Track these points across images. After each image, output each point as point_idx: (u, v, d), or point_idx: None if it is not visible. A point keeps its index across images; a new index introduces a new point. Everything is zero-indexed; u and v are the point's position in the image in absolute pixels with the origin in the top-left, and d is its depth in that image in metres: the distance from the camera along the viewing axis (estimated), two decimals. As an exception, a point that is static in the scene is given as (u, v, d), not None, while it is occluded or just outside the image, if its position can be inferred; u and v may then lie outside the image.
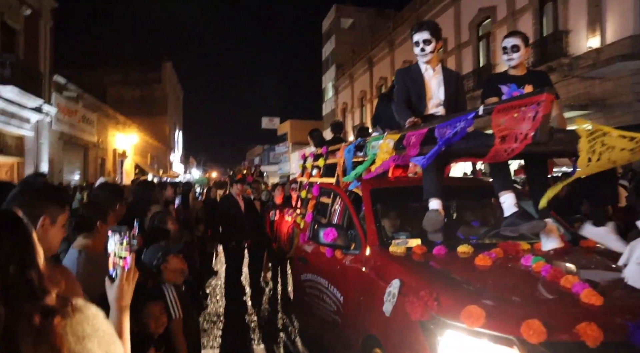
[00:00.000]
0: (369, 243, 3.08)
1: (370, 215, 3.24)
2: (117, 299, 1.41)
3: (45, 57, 16.07)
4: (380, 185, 3.58)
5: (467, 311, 2.02)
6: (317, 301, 3.60)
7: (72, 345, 1.04)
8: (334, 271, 3.39)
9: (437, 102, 3.32)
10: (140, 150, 27.82)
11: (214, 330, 5.56)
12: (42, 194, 1.66)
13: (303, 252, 4.14)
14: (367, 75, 28.10)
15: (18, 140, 15.07)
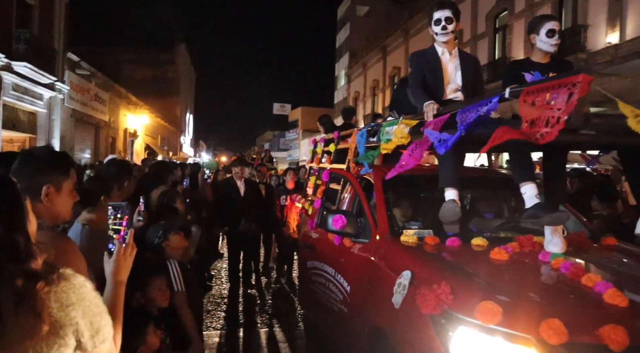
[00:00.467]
0: (379, 232, 2.95)
1: (382, 202, 3.11)
2: (113, 273, 1.39)
3: (60, 34, 15.97)
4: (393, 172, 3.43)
5: (483, 307, 1.89)
6: (322, 289, 3.50)
7: (55, 312, 1.04)
8: (342, 259, 3.27)
9: (455, 87, 3.15)
10: (151, 131, 27.82)
11: (217, 311, 5.56)
12: (43, 162, 1.59)
13: (310, 239, 4.02)
14: (381, 64, 27.72)
15: (31, 116, 15.09)
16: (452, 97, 3.13)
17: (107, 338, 1.19)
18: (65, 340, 1.07)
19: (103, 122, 19.91)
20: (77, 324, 1.10)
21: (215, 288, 6.58)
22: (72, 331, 1.09)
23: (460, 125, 2.32)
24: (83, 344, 1.12)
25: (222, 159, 35.36)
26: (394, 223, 3.00)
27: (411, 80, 3.20)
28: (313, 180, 4.67)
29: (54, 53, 15.33)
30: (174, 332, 2.49)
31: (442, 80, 3.12)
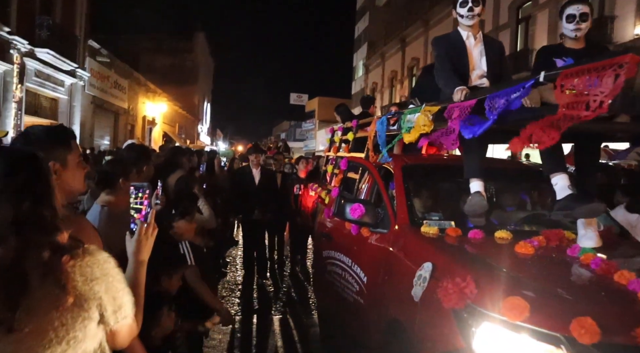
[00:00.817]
0: (398, 222, 2.86)
1: (401, 192, 3.01)
2: (135, 252, 1.39)
3: (81, 21, 16.08)
4: (413, 162, 3.33)
5: (509, 302, 1.79)
6: (338, 279, 3.43)
7: (80, 285, 1.07)
8: (359, 249, 3.19)
9: (481, 73, 3.01)
10: (169, 119, 28.00)
11: (232, 297, 5.59)
12: (41, 141, 1.54)
13: (326, 228, 3.94)
14: (399, 55, 27.30)
15: (53, 102, 15.29)
16: (477, 84, 2.99)
17: (129, 315, 1.21)
18: (89, 313, 1.10)
19: (122, 109, 20.08)
20: (101, 299, 1.12)
21: (230, 275, 6.60)
22: (95, 305, 1.11)
23: (489, 112, 2.20)
24: (106, 318, 1.14)
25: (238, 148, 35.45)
26: (413, 214, 2.90)
27: (439, 63, 3.07)
28: (330, 169, 4.59)
29: (75, 40, 15.44)
30: (186, 312, 2.47)
31: (467, 66, 2.98)
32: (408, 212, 2.88)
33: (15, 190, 1.05)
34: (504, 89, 2.16)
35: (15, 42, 12.38)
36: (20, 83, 12.92)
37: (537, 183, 3.44)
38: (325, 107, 39.44)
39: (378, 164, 3.46)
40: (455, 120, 2.41)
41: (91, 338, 1.12)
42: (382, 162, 3.38)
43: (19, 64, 12.75)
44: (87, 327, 1.10)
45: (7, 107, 12.60)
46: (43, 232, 1.05)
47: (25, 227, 1.03)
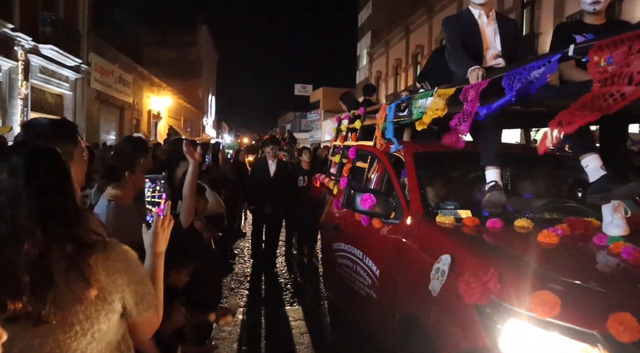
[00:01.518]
0: (411, 212, 2.70)
1: (414, 181, 2.84)
2: (152, 245, 1.38)
3: (84, 16, 15.93)
4: (424, 149, 3.16)
5: (538, 297, 1.64)
6: (349, 272, 3.29)
7: (103, 278, 1.08)
8: (370, 241, 3.04)
9: (495, 53, 2.82)
10: (174, 113, 27.87)
11: (241, 289, 5.53)
12: (48, 134, 1.53)
13: (335, 219, 3.79)
14: (403, 43, 26.89)
15: (58, 98, 15.21)
16: (492, 64, 2.80)
17: (151, 306, 1.21)
18: (112, 306, 1.10)
19: (127, 103, 19.97)
20: (124, 291, 1.13)
21: (238, 267, 6.54)
22: (118, 298, 1.12)
23: (509, 91, 2.02)
24: (128, 311, 1.15)
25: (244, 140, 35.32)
26: (427, 203, 2.74)
27: (450, 43, 2.89)
28: (337, 159, 4.43)
29: (78, 35, 15.32)
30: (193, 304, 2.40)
31: (480, 46, 2.79)
32: (421, 202, 2.72)
33: (39, 186, 1.06)
34: (525, 64, 1.97)
35: (19, 38, 12.26)
36: (25, 80, 12.84)
37: (554, 169, 3.27)
38: (330, 97, 39.10)
39: (388, 151, 3.30)
40: (471, 103, 2.24)
41: (115, 331, 1.13)
42: (392, 150, 3.22)
43: (23, 61, 12.67)
44: (110, 320, 1.10)
45: (13, 103, 12.55)
46: (67, 226, 1.06)
47: (49, 221, 1.04)
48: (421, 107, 2.81)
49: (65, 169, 1.14)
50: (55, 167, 1.12)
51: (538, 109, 2.49)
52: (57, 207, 1.07)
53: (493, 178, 2.54)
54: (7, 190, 1.05)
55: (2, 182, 1.05)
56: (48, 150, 1.14)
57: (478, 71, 2.50)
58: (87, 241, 1.09)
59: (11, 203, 1.04)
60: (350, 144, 4.15)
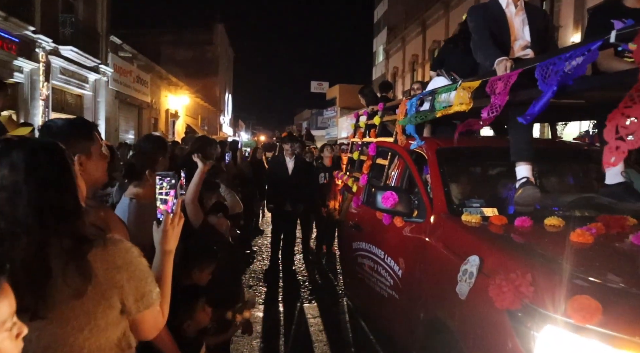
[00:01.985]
0: (435, 211, 2.60)
1: (437, 178, 2.74)
2: (161, 242, 1.36)
3: (103, 17, 16.09)
4: (447, 145, 3.04)
5: (577, 302, 1.52)
6: (370, 272, 3.20)
7: (101, 273, 1.07)
8: (392, 240, 2.94)
9: (524, 44, 2.67)
10: (192, 112, 28.07)
11: (259, 286, 5.55)
12: (65, 134, 1.53)
13: (355, 218, 3.69)
14: (420, 39, 26.55)
15: (78, 99, 15.42)
16: (520, 55, 2.66)
17: (152, 304, 1.18)
18: (109, 302, 1.09)
19: (145, 103, 20.16)
20: (122, 287, 1.11)
21: (256, 264, 6.54)
22: (116, 294, 1.10)
23: (543, 84, 1.90)
24: (127, 307, 1.13)
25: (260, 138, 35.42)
26: (451, 201, 2.63)
27: (477, 33, 2.76)
28: (356, 156, 4.34)
29: (97, 36, 15.48)
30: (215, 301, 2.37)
31: (508, 36, 2.66)
32: (446, 200, 2.61)
33: (38, 180, 1.05)
34: (561, 54, 1.84)
35: (40, 41, 12.42)
36: (46, 81, 13.03)
37: (583, 164, 3.12)
38: (346, 94, 38.89)
39: (408, 148, 3.19)
40: (500, 96, 2.12)
41: (113, 327, 1.11)
42: (414, 147, 3.11)
43: (44, 63, 12.83)
44: (108, 316, 1.09)
45: (35, 105, 12.75)
46: (65, 221, 1.05)
47: (48, 215, 1.03)
48: (444, 101, 2.70)
49: (65, 164, 1.12)
50: (55, 162, 1.10)
51: (568, 102, 2.36)
52: (56, 202, 1.06)
53: (525, 174, 2.41)
54: (7, 186, 1.04)
55: (3, 178, 1.05)
56: (48, 146, 1.13)
57: (506, 62, 2.37)
58: (86, 236, 1.07)
59: (11, 199, 1.03)
60: (369, 140, 4.06)
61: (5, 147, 1.08)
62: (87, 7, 15.02)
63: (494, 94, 2.18)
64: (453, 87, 2.62)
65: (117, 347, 1.13)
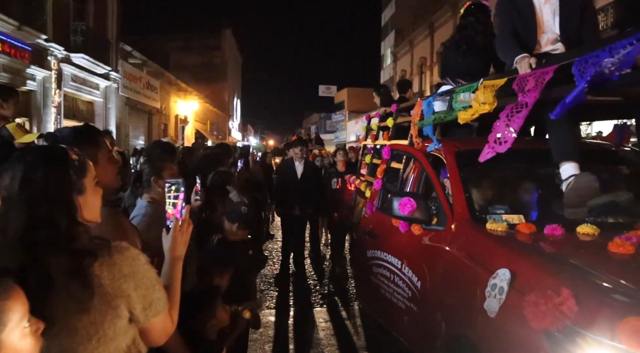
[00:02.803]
0: (456, 218, 2.41)
1: (457, 182, 2.55)
2: (170, 249, 1.35)
3: (113, 25, 16.14)
4: (467, 147, 2.85)
5: (630, 325, 1.34)
6: (385, 282, 3.01)
7: (107, 283, 1.06)
8: (410, 249, 2.75)
9: (553, 38, 2.46)
10: (201, 117, 28.08)
11: (270, 290, 5.48)
12: (70, 141, 1.49)
13: (369, 224, 3.50)
14: (428, 41, 26.34)
15: (89, 105, 15.46)
16: (548, 50, 2.46)
17: (161, 311, 1.16)
18: (117, 311, 1.08)
19: (155, 109, 20.16)
20: (129, 296, 1.10)
21: (267, 269, 6.44)
22: (124, 303, 1.09)
23: (580, 80, 1.70)
24: (135, 316, 1.11)
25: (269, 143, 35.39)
26: (474, 207, 2.44)
27: (499, 28, 2.58)
28: (368, 159, 4.16)
29: (108, 44, 15.53)
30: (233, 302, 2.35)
31: (534, 30, 2.46)
32: (467, 206, 2.42)
33: (30, 194, 1.03)
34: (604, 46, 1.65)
35: (52, 49, 12.46)
36: (58, 88, 13.07)
37: (617, 166, 2.91)
38: (354, 97, 38.76)
39: (424, 151, 3.01)
40: (529, 93, 1.93)
41: (122, 336, 1.10)
42: (430, 149, 2.93)
43: (56, 70, 12.87)
44: (116, 325, 1.08)
45: (47, 112, 12.79)
46: (57, 238, 1.03)
47: (38, 231, 1.02)
48: (464, 101, 2.52)
49: (64, 178, 1.08)
50: (51, 177, 1.06)
51: (603, 99, 2.16)
52: (47, 218, 1.03)
53: (572, 172, 2.18)
54: (6, 198, 1.04)
55: (4, 188, 1.05)
56: (51, 159, 1.09)
57: (528, 59, 2.18)
58: (86, 251, 1.05)
59: (6, 211, 1.03)
60: (382, 144, 3.88)
61: (13, 158, 1.08)
62: (97, 15, 15.08)
63: (522, 92, 1.99)
64: (474, 86, 2.44)
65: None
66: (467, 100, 2.49)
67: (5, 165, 1.09)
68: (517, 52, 2.26)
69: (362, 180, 4.14)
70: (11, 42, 10.84)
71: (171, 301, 1.22)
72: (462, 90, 2.64)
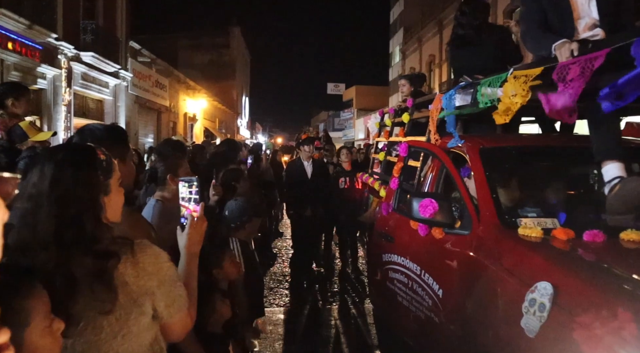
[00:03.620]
0: (483, 221, 2.17)
1: (483, 182, 2.31)
2: (186, 246, 1.35)
3: (122, 23, 16.07)
4: (493, 144, 2.61)
5: None
6: (403, 289, 2.77)
7: (132, 281, 1.08)
8: (430, 254, 2.51)
9: (591, 23, 2.20)
10: (209, 115, 27.95)
11: (280, 289, 5.40)
12: (104, 139, 1.51)
13: (386, 227, 3.24)
14: (437, 39, 25.93)
15: (98, 103, 15.41)
16: (586, 36, 2.21)
17: (182, 308, 1.18)
18: (142, 308, 1.09)
19: (164, 107, 20.04)
20: (154, 294, 1.10)
21: (277, 267, 6.32)
22: (149, 300, 1.10)
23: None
24: (159, 313, 1.12)
25: (277, 141, 35.19)
26: (502, 210, 2.20)
27: (525, 20, 2.34)
28: (382, 157, 3.92)
29: (117, 42, 15.46)
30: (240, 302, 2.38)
31: (569, 16, 2.21)
32: (495, 208, 2.18)
33: (59, 196, 1.03)
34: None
35: (63, 47, 12.40)
36: (68, 86, 13.06)
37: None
38: (363, 95, 38.46)
39: (444, 147, 2.77)
40: (572, 83, 1.69)
41: (146, 332, 1.10)
42: (451, 146, 2.69)
43: (66, 69, 12.84)
44: (140, 322, 1.08)
45: (58, 110, 12.77)
46: (83, 240, 1.03)
47: (65, 232, 1.01)
48: (491, 94, 2.27)
49: (92, 179, 1.08)
50: (80, 179, 1.06)
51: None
52: (74, 219, 1.03)
53: (617, 173, 1.94)
54: (34, 195, 1.03)
55: (32, 186, 1.04)
56: (79, 159, 1.09)
57: (569, 45, 1.94)
58: (110, 252, 1.05)
59: (34, 210, 1.02)
60: (397, 140, 3.64)
61: (40, 156, 1.09)
62: (107, 14, 15.02)
63: (564, 82, 1.75)
64: (502, 77, 2.19)
65: (150, 351, 1.13)
66: (494, 94, 2.24)
67: (32, 162, 1.09)
68: (554, 39, 2.01)
69: (376, 179, 3.90)
70: (22, 41, 10.80)
71: (189, 298, 1.22)
72: (487, 83, 2.39)
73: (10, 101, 2.99)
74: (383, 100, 33.42)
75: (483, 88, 2.40)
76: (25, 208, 1.03)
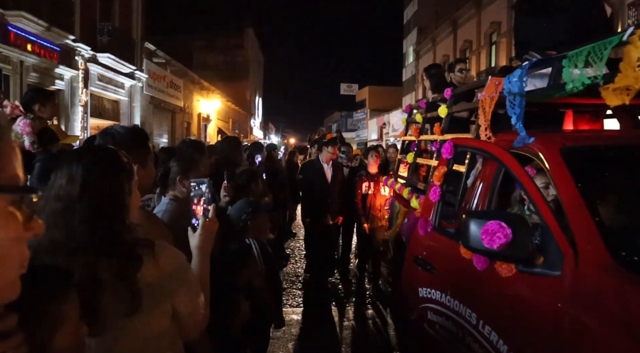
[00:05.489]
0: (582, 257, 1.40)
1: (577, 198, 1.52)
2: (198, 247, 1.33)
3: (138, 24, 15.79)
4: (578, 142, 1.81)
5: None
6: (449, 339, 1.96)
7: (154, 282, 1.06)
8: (495, 299, 1.71)
9: None
10: (223, 115, 27.43)
11: (293, 289, 5.09)
12: (127, 142, 1.46)
13: (424, 250, 2.38)
14: (451, 39, 24.98)
15: (114, 104, 15.12)
16: None
17: (200, 307, 1.19)
18: (163, 308, 1.09)
19: (178, 107, 19.62)
20: (174, 294, 1.10)
21: (289, 267, 5.95)
22: (169, 300, 1.10)
23: None
24: (179, 312, 1.12)
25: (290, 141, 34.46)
26: (613, 241, 1.41)
27: None
28: (411, 158, 3.14)
29: (133, 43, 15.20)
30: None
31: None
32: (602, 237, 1.40)
33: (91, 198, 1.03)
34: None
35: (80, 49, 12.11)
36: (85, 87, 12.91)
37: None
38: (376, 95, 37.65)
39: (509, 147, 1.98)
40: None
41: (166, 332, 1.10)
42: (517, 145, 1.91)
43: (83, 70, 12.52)
44: (161, 322, 1.08)
45: (75, 110, 12.50)
46: (113, 241, 1.02)
47: (97, 233, 1.01)
48: (592, 71, 1.49)
49: (119, 181, 1.06)
50: (110, 179, 1.05)
51: None
52: (105, 220, 1.02)
53: None
54: (63, 196, 1.02)
55: (60, 188, 1.03)
56: (106, 162, 1.07)
57: None
58: (135, 255, 1.03)
59: (64, 211, 1.01)
60: (431, 138, 2.84)
61: (68, 157, 1.07)
62: (123, 15, 14.79)
63: None
64: (614, 41, 1.40)
65: (170, 350, 1.12)
66: (598, 71, 1.46)
67: (55, 164, 1.07)
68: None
69: (403, 184, 3.11)
70: (40, 42, 10.56)
71: (204, 297, 1.21)
72: (577, 55, 1.60)
73: (37, 106, 3.06)
74: (396, 100, 32.59)
75: (573, 63, 1.61)
76: (53, 208, 1.00)
